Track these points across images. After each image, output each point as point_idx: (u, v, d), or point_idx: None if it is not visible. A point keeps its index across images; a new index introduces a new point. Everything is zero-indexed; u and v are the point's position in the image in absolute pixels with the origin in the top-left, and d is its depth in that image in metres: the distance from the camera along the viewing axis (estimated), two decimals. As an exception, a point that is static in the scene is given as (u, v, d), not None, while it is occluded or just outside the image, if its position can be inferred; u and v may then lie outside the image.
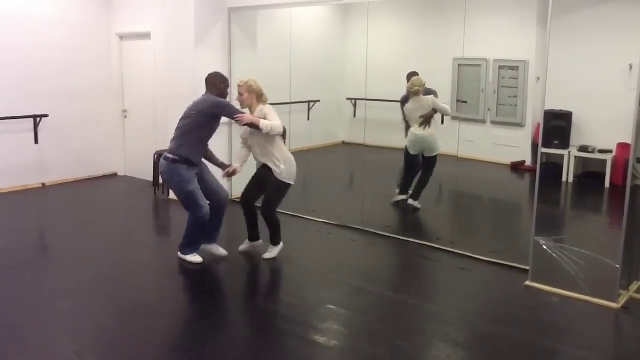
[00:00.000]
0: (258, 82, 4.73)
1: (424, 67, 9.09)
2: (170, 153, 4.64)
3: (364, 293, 4.31)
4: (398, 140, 9.28)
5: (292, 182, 4.77)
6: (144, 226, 6.26)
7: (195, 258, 4.81)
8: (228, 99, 4.84)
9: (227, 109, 4.63)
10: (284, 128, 4.66)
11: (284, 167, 4.66)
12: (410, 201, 6.32)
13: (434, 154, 6.24)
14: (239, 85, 4.69)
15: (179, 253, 4.88)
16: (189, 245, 4.83)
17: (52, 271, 4.75)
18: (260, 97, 4.71)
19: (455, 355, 3.44)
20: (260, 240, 5.04)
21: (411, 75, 6.34)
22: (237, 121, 4.57)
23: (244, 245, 5.06)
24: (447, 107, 6.36)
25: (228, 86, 4.83)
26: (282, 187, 4.73)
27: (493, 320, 3.85)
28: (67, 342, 3.54)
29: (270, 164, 4.68)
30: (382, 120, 9.04)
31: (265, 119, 4.54)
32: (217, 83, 4.72)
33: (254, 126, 4.52)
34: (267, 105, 4.68)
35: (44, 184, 7.59)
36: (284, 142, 4.76)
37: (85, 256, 5.07)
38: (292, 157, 4.78)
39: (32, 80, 7.32)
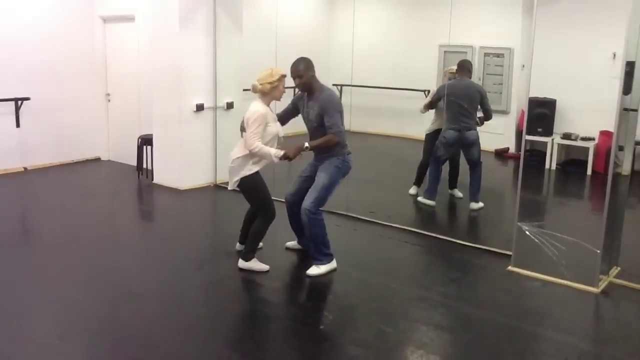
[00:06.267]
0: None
1: (409, 53, 9.13)
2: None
3: (347, 277, 4.33)
4: (384, 126, 9.33)
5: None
6: (127, 211, 6.21)
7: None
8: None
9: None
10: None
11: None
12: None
13: None
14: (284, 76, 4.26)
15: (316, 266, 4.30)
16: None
17: (35, 256, 4.71)
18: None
19: (438, 339, 3.48)
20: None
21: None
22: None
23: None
24: None
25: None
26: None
27: (476, 305, 3.89)
28: (49, 327, 3.52)
29: None
30: (368, 106, 9.05)
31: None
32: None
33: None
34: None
35: (25, 168, 7.49)
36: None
37: (68, 241, 5.02)
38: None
39: (13, 63, 7.17)
